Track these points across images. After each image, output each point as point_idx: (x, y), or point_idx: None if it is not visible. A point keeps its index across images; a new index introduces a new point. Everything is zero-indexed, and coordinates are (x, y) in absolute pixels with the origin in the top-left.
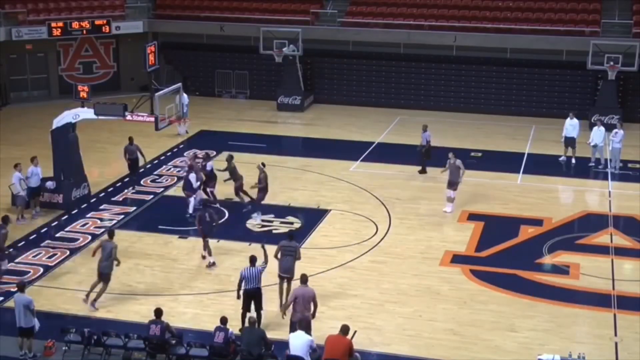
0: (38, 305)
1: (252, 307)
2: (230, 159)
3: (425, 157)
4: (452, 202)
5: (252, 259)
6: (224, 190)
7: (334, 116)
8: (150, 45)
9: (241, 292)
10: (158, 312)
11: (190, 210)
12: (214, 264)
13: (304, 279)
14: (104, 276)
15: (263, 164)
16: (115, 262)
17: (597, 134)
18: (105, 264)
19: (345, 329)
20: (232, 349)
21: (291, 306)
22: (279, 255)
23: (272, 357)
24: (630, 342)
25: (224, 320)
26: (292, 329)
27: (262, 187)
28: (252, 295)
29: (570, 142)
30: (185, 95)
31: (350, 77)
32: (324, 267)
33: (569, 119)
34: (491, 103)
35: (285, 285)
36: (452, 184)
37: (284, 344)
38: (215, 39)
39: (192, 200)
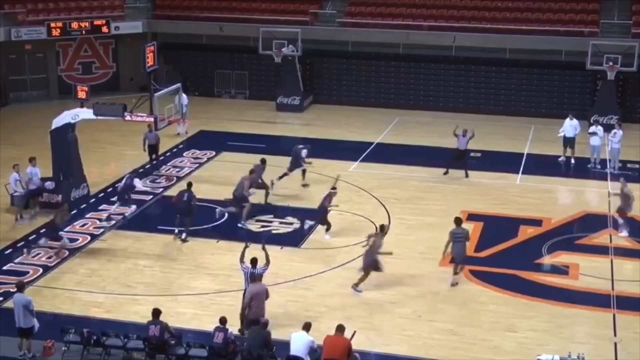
0: (37, 305)
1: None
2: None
3: (457, 160)
4: (625, 227)
5: (253, 261)
6: (222, 191)
7: (333, 116)
8: (150, 46)
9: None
10: (156, 313)
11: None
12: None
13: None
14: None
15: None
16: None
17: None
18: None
19: (341, 328)
20: (231, 349)
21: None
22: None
23: (273, 357)
24: (629, 342)
25: (223, 321)
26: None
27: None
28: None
29: (569, 142)
30: (184, 95)
31: (350, 78)
32: (323, 268)
33: (568, 119)
34: (490, 103)
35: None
36: (622, 210)
37: (285, 345)
38: (214, 39)
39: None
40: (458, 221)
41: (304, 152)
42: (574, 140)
